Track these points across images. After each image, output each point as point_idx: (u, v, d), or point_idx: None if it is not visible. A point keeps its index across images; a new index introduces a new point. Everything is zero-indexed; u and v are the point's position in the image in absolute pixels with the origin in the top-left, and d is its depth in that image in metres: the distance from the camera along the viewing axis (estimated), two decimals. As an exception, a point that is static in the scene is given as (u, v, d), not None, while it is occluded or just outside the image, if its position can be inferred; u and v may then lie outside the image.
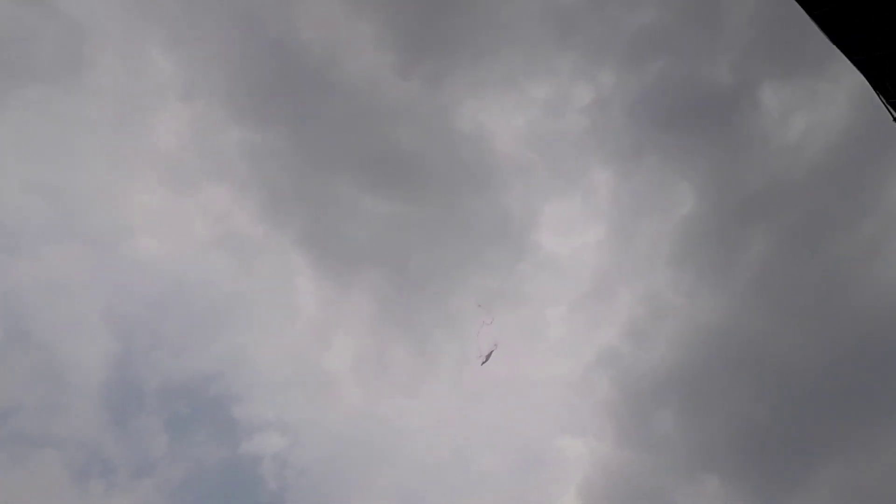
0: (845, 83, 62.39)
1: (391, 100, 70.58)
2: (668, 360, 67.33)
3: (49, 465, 59.78)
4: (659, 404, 66.24)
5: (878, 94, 13.07)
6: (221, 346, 70.29)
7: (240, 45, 65.02)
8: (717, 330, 66.50)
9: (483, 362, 39.77)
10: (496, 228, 72.07)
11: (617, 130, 69.91)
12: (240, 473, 67.09)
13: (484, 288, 69.36)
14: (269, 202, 72.27)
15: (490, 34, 68.45)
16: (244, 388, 71.19)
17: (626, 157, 71.69)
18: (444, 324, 74.06)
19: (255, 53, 66.10)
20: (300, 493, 66.52)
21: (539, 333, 77.82)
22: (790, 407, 59.25)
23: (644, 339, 71.23)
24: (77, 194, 63.98)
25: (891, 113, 13.29)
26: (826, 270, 63.07)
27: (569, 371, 77.28)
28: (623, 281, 76.02)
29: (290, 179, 71.90)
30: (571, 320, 77.72)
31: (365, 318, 75.18)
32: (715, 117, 65.89)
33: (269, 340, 75.27)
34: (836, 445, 57.86)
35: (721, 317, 67.29)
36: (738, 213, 67.50)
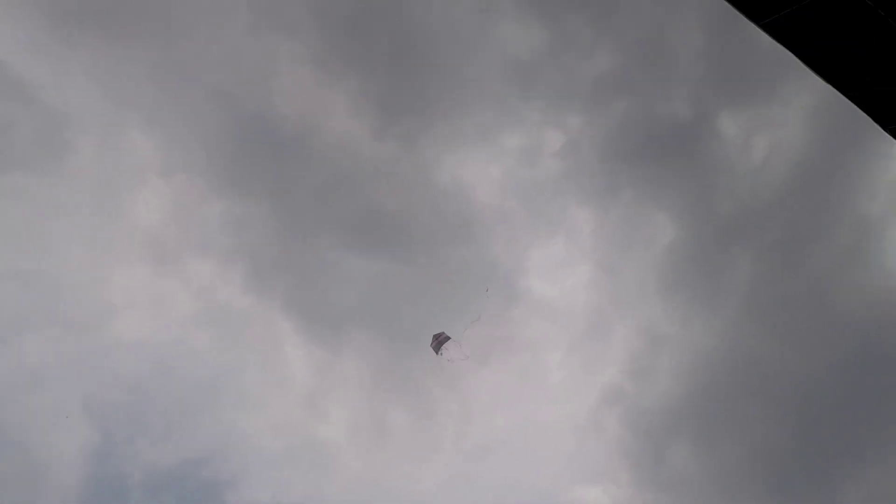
0: (795, 104, 66.85)
1: (369, 162, 72.57)
2: (672, 391, 66.26)
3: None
4: (671, 438, 64.39)
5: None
6: (210, 427, 66.86)
7: (218, 120, 67.02)
8: (714, 354, 66.20)
9: (438, 352, 38.33)
10: (485, 278, 72.20)
11: (590, 170, 72.56)
12: (236, 565, 61.58)
13: (478, 338, 68.32)
14: (254, 272, 71.63)
15: (459, 92, 71.98)
16: (236, 470, 66.96)
17: (602, 194, 73.88)
18: (442, 380, 72.13)
19: (233, 127, 68.03)
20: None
21: (539, 380, 76.28)
22: (799, 422, 58.27)
23: (645, 373, 70.37)
24: (56, 279, 62.61)
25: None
26: (810, 282, 64.42)
27: (574, 415, 74.94)
28: (617, 317, 76.04)
29: (273, 248, 71.86)
30: (570, 363, 76.56)
31: (359, 383, 72.80)
32: (680, 148, 69.14)
33: (260, 416, 71.82)
34: (855, 455, 56.58)
35: (717, 340, 67.23)
36: (718, 237, 69.34)
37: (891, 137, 15.77)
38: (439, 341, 41.73)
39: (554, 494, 72.52)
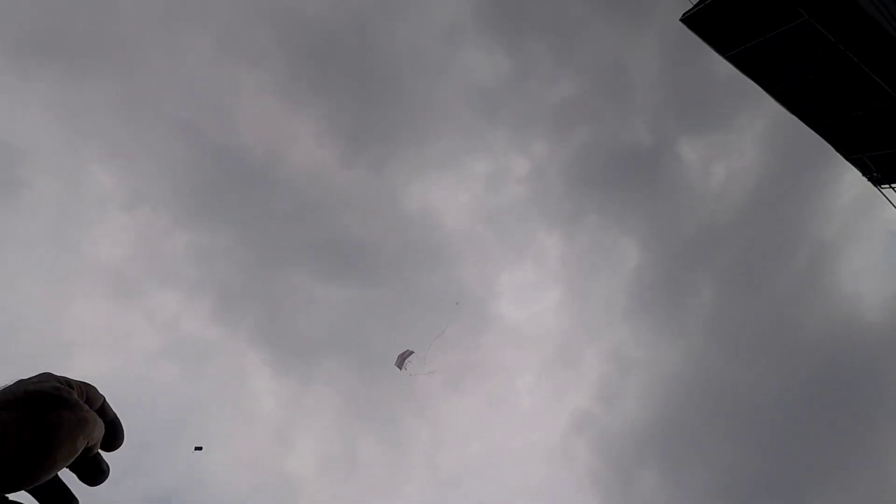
0: (750, 133, 68.94)
1: (337, 189, 72.75)
2: (640, 414, 66.22)
3: None
4: (641, 462, 64.00)
5: (847, 158, 14.54)
6: (174, 465, 64.65)
7: (182, 151, 66.72)
8: (681, 377, 66.62)
9: (402, 367, 37.94)
10: (455, 303, 71.97)
11: (556, 195, 73.69)
12: None
13: (449, 364, 67.90)
14: (221, 304, 70.50)
15: (425, 118, 73.07)
16: (201, 509, 64.62)
17: (569, 219, 74.96)
18: (413, 408, 71.24)
19: (197, 158, 67.77)
20: None
21: (510, 406, 75.67)
22: (765, 442, 58.38)
23: (614, 397, 70.43)
24: (8, 316, 60.82)
25: (867, 173, 14.68)
26: (771, 305, 65.45)
27: (545, 441, 74.33)
28: (586, 341, 76.31)
29: (241, 278, 70.94)
30: (541, 388, 76.28)
31: (329, 413, 71.49)
32: (643, 174, 70.71)
33: (226, 451, 69.78)
34: (821, 474, 56.67)
35: (683, 363, 67.73)
36: (681, 260, 70.53)
37: (846, 162, 16.18)
38: (402, 357, 41.39)
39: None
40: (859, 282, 65.48)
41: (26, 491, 0.78)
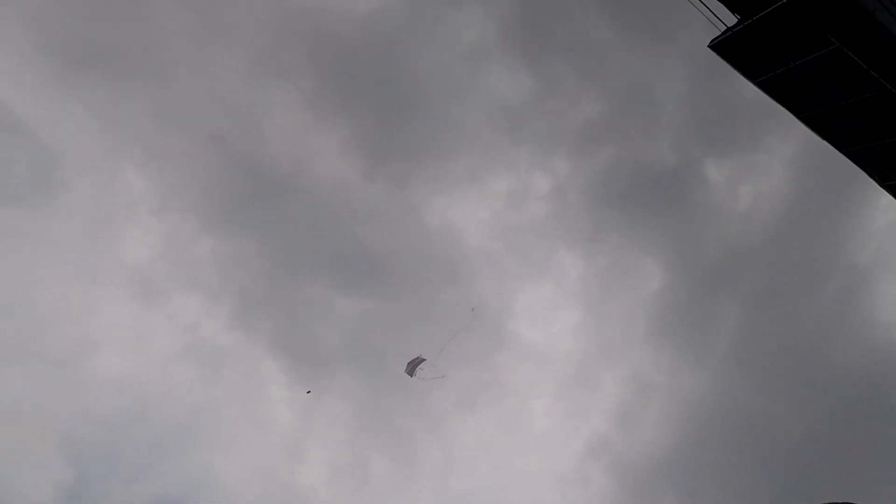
0: (778, 155, 67.62)
1: (359, 203, 73.54)
2: (660, 442, 64.43)
3: None
4: (659, 491, 62.11)
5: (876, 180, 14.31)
6: (186, 467, 65.14)
7: (211, 161, 68.46)
8: (704, 405, 64.70)
9: (413, 374, 37.40)
10: (472, 320, 71.62)
11: (577, 214, 73.16)
12: None
13: (464, 381, 67.47)
14: (241, 310, 71.49)
15: (448, 135, 73.66)
16: (211, 513, 64.91)
17: (590, 238, 74.27)
18: (426, 425, 70.69)
19: (226, 167, 69.44)
20: None
21: (524, 427, 74.49)
22: (791, 474, 56.11)
23: (633, 422, 68.71)
24: (40, 313, 62.55)
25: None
26: (801, 332, 63.42)
27: (559, 465, 72.84)
28: (605, 364, 74.94)
29: (262, 286, 71.95)
30: (557, 410, 74.95)
31: (341, 425, 71.37)
32: (667, 194, 69.80)
33: (238, 456, 70.17)
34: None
35: (706, 391, 65.83)
36: (706, 283, 69.01)
37: (878, 187, 15.76)
38: (413, 364, 41.13)
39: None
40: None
41: None
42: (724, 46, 12.11)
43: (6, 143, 58.35)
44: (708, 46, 12.06)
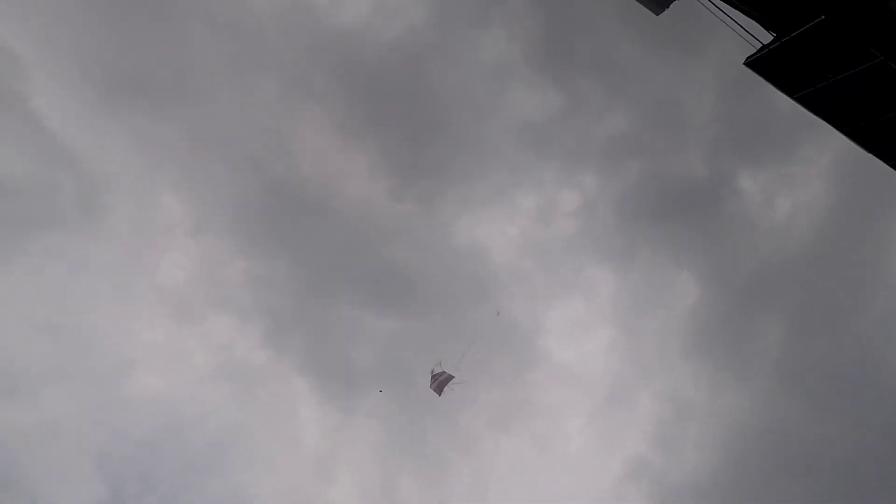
0: (817, 165, 65.42)
1: (387, 222, 74.22)
2: (702, 464, 61.99)
3: None
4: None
5: None
6: (219, 487, 65.86)
7: (244, 183, 70.35)
8: (748, 426, 62.11)
9: (440, 393, 36.42)
10: (501, 339, 70.95)
11: (607, 230, 72.08)
12: None
13: (494, 402, 66.71)
14: (273, 329, 72.57)
15: (475, 153, 73.94)
16: (243, 534, 65.29)
17: (621, 254, 72.89)
18: (457, 445, 69.85)
19: (257, 189, 71.21)
20: None
21: (558, 448, 72.81)
22: (840, 497, 53.02)
23: (673, 443, 66.38)
24: (81, 334, 64.87)
25: None
26: (850, 348, 60.47)
27: (596, 485, 70.58)
28: (640, 383, 72.90)
29: (292, 305, 73.01)
30: (592, 429, 73.04)
31: (372, 445, 71.15)
32: (698, 208, 68.20)
33: (270, 476, 70.55)
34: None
35: (749, 411, 63.24)
36: (745, 297, 66.77)
37: None
38: (439, 382, 40.52)
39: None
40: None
41: None
42: (760, 63, 11.82)
43: (54, 170, 61.35)
44: (744, 64, 11.79)
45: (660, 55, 66.46)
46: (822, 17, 10.18)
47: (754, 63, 11.74)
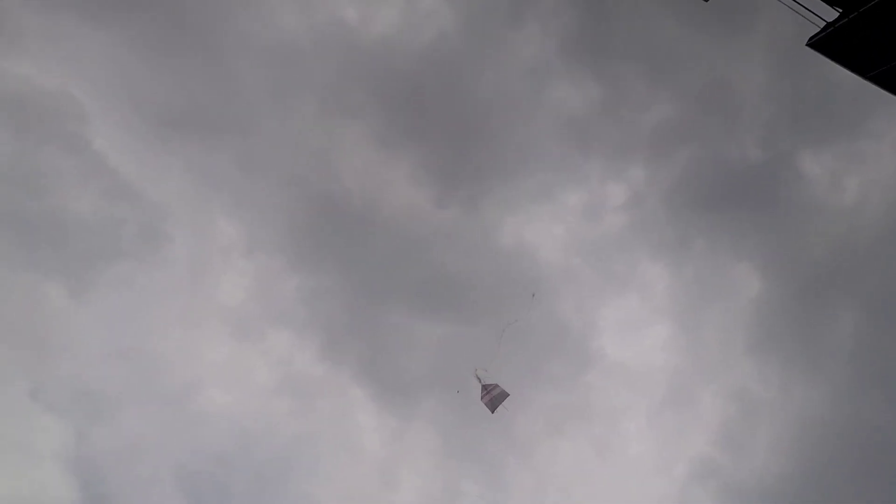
0: (889, 138, 60.90)
1: (433, 229, 74.64)
2: (775, 464, 58.71)
3: None
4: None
5: None
6: (287, 497, 67.92)
7: (291, 201, 72.58)
8: (824, 421, 58.34)
9: (493, 411, 35.47)
10: (554, 340, 69.81)
11: (658, 222, 69.70)
12: None
13: (550, 406, 65.68)
14: (328, 341, 74.31)
15: (516, 154, 73.28)
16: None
17: (674, 246, 70.28)
18: (515, 450, 69.14)
19: (305, 206, 73.31)
20: None
21: (618, 450, 70.74)
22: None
23: (741, 443, 63.23)
24: (153, 357, 68.57)
25: None
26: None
27: (661, 488, 68.02)
28: (702, 380, 69.86)
29: (345, 317, 74.51)
30: (653, 430, 70.55)
31: (430, 452, 71.47)
32: (756, 193, 64.86)
33: (335, 485, 72.10)
34: None
35: (825, 406, 59.41)
36: (813, 286, 62.97)
37: None
38: (492, 397, 40.03)
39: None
40: None
41: None
42: (824, 43, 11.03)
43: (118, 206, 65.32)
44: (806, 45, 11.04)
45: (702, 35, 63.92)
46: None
47: (819, 43, 10.97)
